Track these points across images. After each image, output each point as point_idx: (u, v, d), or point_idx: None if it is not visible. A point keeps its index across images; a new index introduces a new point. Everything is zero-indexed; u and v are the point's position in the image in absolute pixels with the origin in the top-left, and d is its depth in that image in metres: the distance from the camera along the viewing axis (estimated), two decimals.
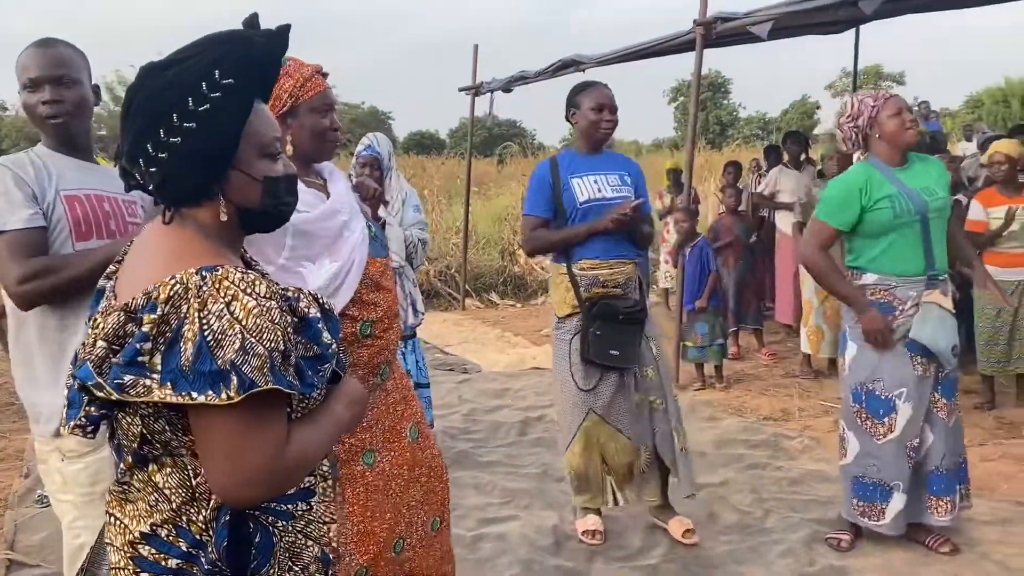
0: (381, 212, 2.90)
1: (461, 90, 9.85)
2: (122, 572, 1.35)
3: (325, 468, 1.49)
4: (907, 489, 3.37)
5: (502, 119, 33.07)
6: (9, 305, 2.18)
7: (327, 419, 1.40)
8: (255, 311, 1.23)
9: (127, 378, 1.20)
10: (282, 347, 1.25)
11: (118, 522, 1.37)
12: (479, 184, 14.09)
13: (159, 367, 1.20)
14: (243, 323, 1.22)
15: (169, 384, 1.19)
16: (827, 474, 4.08)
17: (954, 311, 3.38)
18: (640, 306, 3.49)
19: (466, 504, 4.03)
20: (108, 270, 1.46)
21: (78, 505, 2.14)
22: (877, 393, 3.38)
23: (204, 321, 1.21)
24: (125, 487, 1.36)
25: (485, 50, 9.56)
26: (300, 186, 2.56)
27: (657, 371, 3.56)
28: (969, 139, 13.48)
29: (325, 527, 1.46)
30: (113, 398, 1.22)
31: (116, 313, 1.24)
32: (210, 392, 1.18)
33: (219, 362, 1.19)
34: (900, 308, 3.32)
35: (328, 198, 2.53)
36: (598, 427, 3.46)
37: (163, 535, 1.31)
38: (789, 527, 3.74)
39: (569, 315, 3.48)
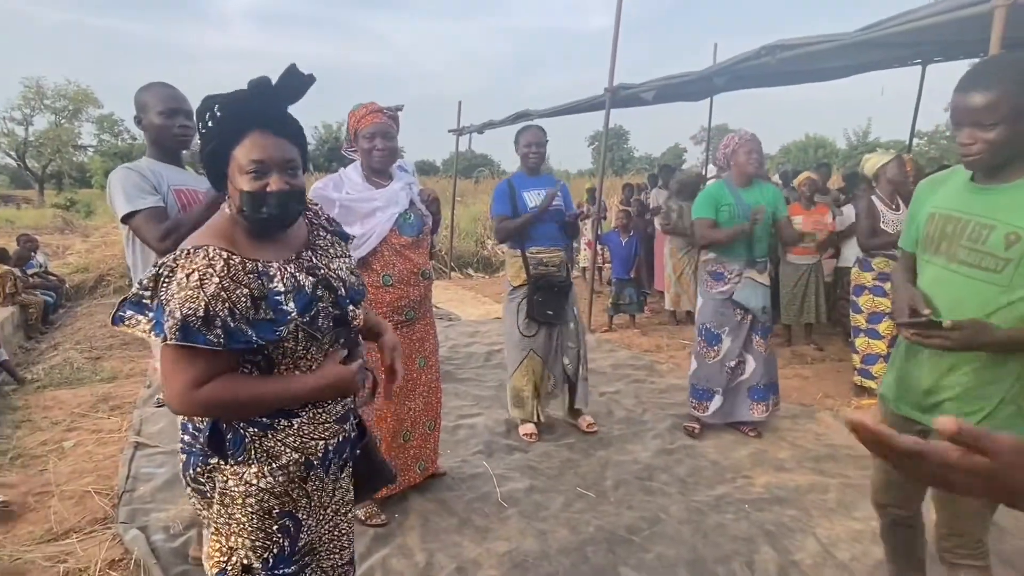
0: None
1: (450, 131, 9.67)
2: (180, 431, 1.35)
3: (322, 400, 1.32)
4: (724, 394, 3.49)
5: (477, 152, 32.77)
6: (139, 263, 2.11)
7: (281, 382, 1.26)
8: (194, 283, 1.15)
9: (128, 312, 1.18)
10: (201, 313, 1.14)
11: None
12: (461, 196, 13.92)
13: (155, 308, 1.18)
14: (183, 291, 1.15)
15: (152, 323, 1.17)
16: (684, 386, 4.16)
17: (767, 284, 3.43)
18: (568, 281, 3.48)
19: (449, 405, 4.01)
20: None
21: None
22: (711, 330, 3.46)
23: (166, 284, 1.17)
24: None
25: (466, 104, 9.43)
26: (356, 179, 2.60)
27: (574, 324, 3.54)
28: (777, 172, 13.69)
29: (312, 442, 1.31)
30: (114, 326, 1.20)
31: (151, 267, 1.21)
32: (162, 334, 1.15)
33: (164, 315, 1.15)
34: (728, 275, 3.39)
35: (375, 191, 2.58)
36: (533, 361, 3.46)
37: (184, 419, 1.32)
38: (659, 420, 3.81)
39: (520, 286, 3.44)
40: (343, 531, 1.46)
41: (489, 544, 2.49)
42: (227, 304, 1.17)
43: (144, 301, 1.18)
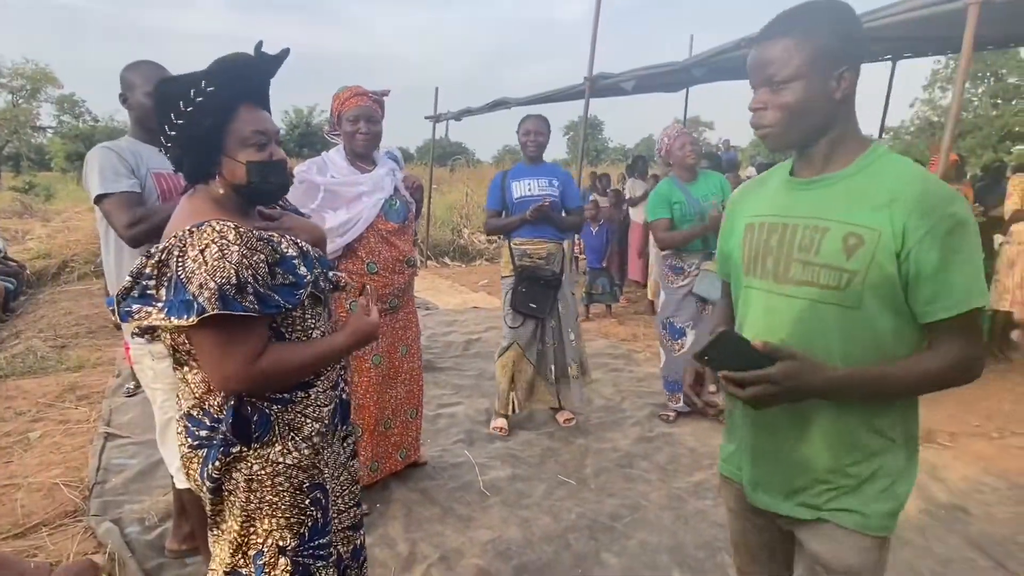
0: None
1: (426, 118, 9.57)
2: (180, 435, 1.31)
3: (327, 368, 1.35)
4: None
5: (453, 140, 32.46)
6: (112, 246, 2.04)
7: (321, 344, 1.28)
8: (216, 254, 1.13)
9: (135, 307, 1.14)
10: (234, 281, 1.13)
11: (179, 400, 1.33)
12: (437, 184, 13.79)
13: (162, 297, 1.14)
14: (207, 264, 1.12)
15: (165, 310, 1.12)
16: (660, 376, 4.20)
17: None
18: (556, 274, 3.33)
19: (429, 395, 3.97)
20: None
21: (165, 391, 2.04)
22: (675, 324, 3.51)
23: (181, 263, 1.13)
24: (180, 379, 1.31)
25: (443, 91, 9.32)
26: (341, 163, 2.54)
27: (556, 321, 3.41)
28: (752, 164, 13.90)
29: (323, 409, 1.34)
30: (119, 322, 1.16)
31: (141, 257, 1.17)
32: (185, 316, 1.10)
33: (189, 294, 1.11)
34: (687, 269, 3.44)
35: (361, 176, 2.52)
36: (515, 351, 3.40)
37: (195, 414, 1.26)
38: (637, 408, 3.84)
39: (509, 275, 3.39)
40: (337, 494, 1.46)
41: (472, 533, 2.49)
42: (250, 271, 1.16)
43: (149, 292, 1.14)
